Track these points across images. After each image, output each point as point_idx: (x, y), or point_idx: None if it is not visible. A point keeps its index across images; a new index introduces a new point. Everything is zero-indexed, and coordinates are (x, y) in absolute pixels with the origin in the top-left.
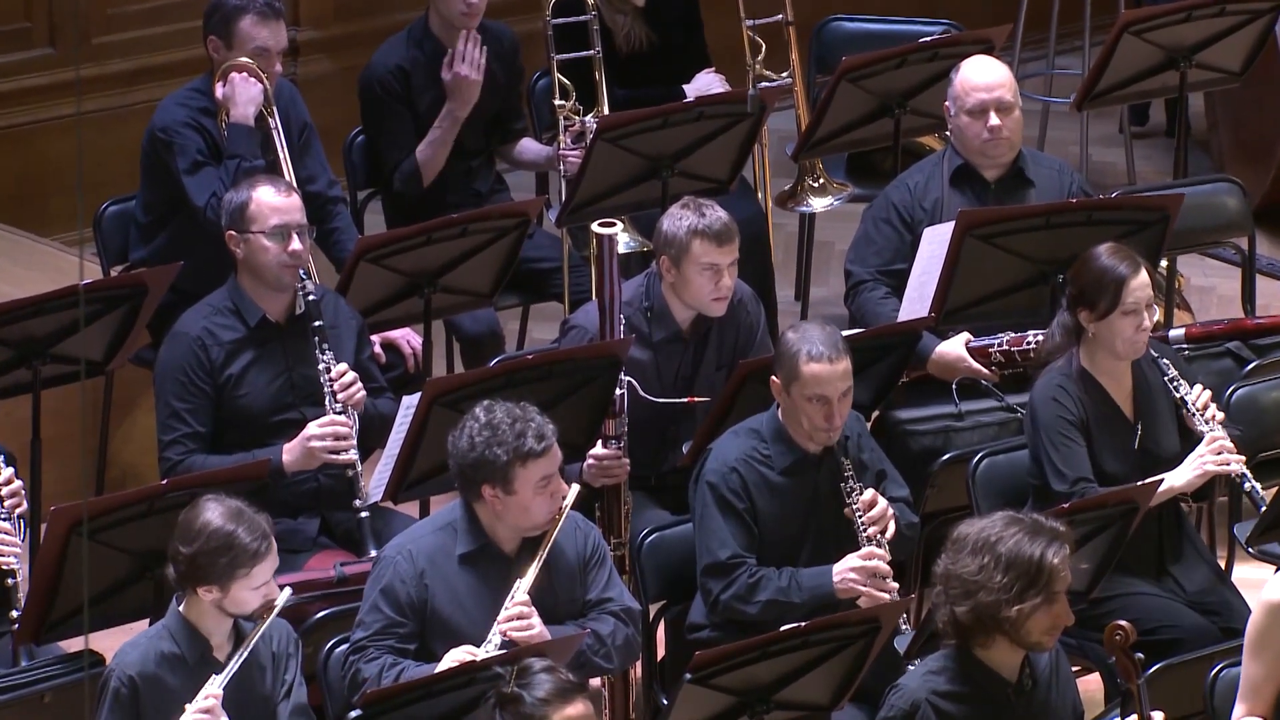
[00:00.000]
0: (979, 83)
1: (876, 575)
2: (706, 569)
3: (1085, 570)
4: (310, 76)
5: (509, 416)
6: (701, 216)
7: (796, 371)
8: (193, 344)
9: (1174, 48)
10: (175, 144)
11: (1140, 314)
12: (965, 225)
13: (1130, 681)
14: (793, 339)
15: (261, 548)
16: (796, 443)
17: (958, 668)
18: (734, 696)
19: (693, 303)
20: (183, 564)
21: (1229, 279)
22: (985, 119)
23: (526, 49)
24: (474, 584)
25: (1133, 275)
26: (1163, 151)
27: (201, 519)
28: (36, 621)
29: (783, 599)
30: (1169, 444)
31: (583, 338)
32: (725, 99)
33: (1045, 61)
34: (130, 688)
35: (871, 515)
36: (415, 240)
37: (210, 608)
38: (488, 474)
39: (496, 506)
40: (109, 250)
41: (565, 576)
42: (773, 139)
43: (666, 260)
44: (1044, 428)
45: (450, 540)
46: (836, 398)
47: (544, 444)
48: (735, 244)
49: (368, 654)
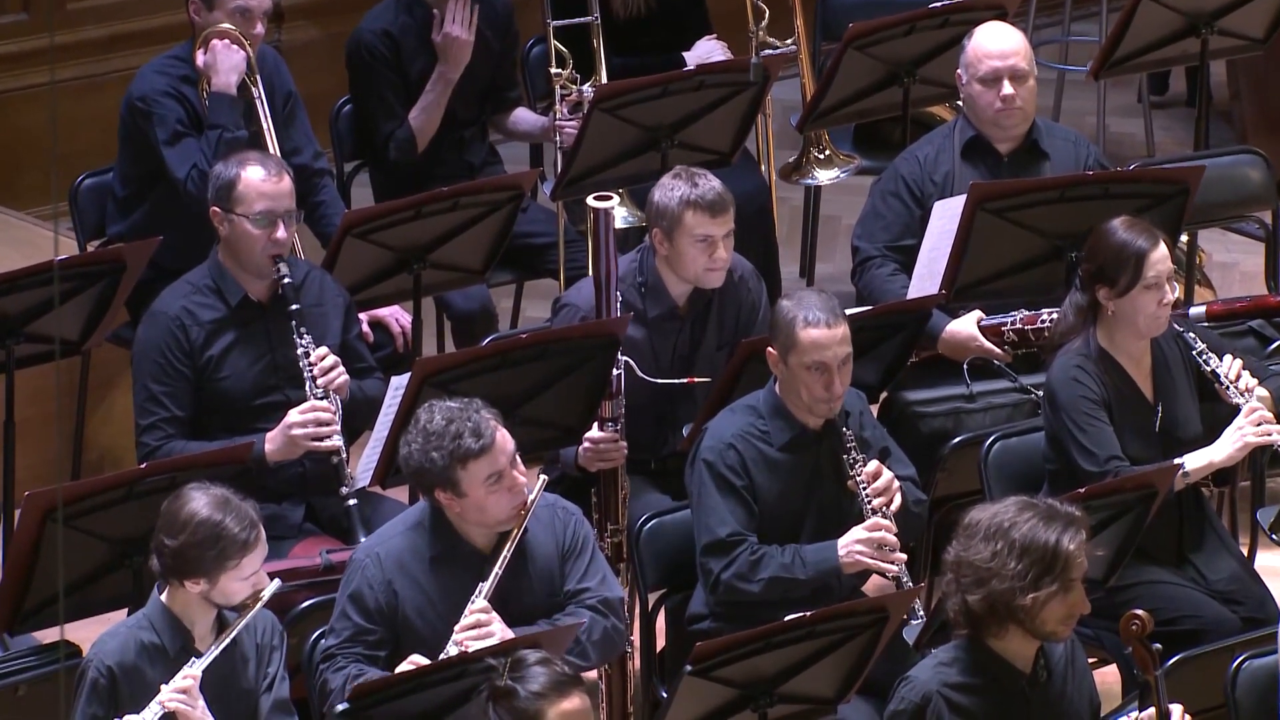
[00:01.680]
0: (992, 50)
1: (883, 547)
2: (706, 548)
3: (1102, 557)
4: (295, 44)
5: (445, 417)
6: (694, 186)
7: (794, 338)
8: (171, 324)
9: (1195, 13)
10: (154, 114)
11: (1163, 288)
12: (977, 198)
13: (1147, 673)
14: (788, 306)
15: (250, 537)
16: (795, 417)
17: (970, 659)
18: (736, 689)
19: (687, 276)
20: (168, 557)
21: (1252, 254)
22: (998, 88)
23: (521, 15)
24: (446, 585)
25: (1153, 248)
26: (1183, 122)
27: (187, 509)
28: (10, 612)
29: (786, 576)
30: (1191, 426)
31: (574, 316)
32: (727, 67)
33: (1061, 28)
34: (109, 678)
35: (876, 487)
36: (404, 214)
37: (196, 599)
38: (432, 479)
39: (454, 509)
40: (85, 224)
41: (543, 572)
42: (777, 109)
43: (659, 233)
44: (1066, 409)
45: (420, 540)
46: (836, 365)
47: (481, 442)
48: (730, 214)
49: (335, 663)
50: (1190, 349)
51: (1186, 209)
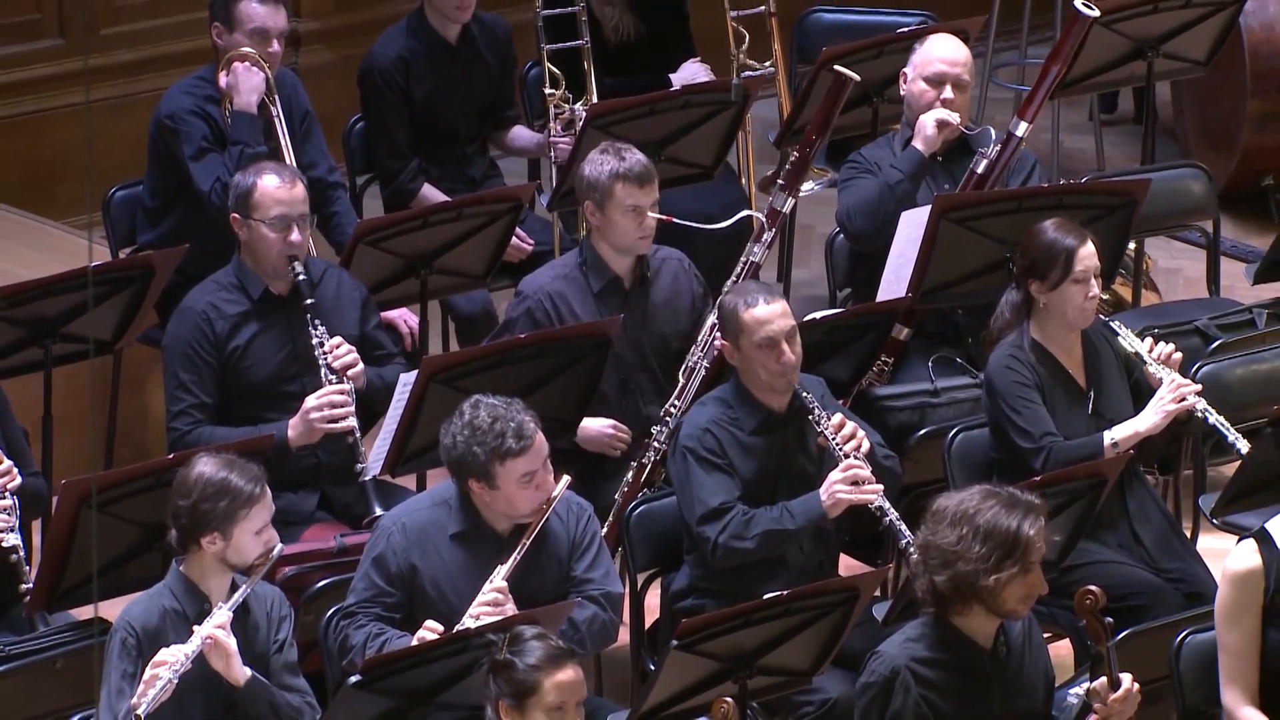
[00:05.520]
0: (943, 56)
1: (859, 483)
2: (701, 518)
3: (1056, 541)
4: (311, 66)
5: (490, 415)
6: (622, 160)
7: (739, 322)
8: (198, 318)
9: (1142, 38)
10: (181, 131)
11: (1090, 282)
12: (941, 209)
13: (1100, 644)
14: (729, 299)
15: (256, 490)
16: (761, 402)
17: (936, 635)
18: (719, 662)
19: (620, 245)
20: (183, 517)
21: (1195, 261)
22: (940, 90)
23: (519, 39)
24: (465, 561)
25: (1081, 245)
26: (1131, 138)
27: (195, 471)
28: (49, 590)
29: (778, 528)
30: (1122, 409)
31: (523, 305)
32: (710, 88)
33: (1018, 51)
34: (136, 638)
35: (844, 434)
36: (412, 224)
37: (212, 563)
38: (470, 470)
39: (484, 498)
40: (117, 233)
41: (555, 560)
42: (756, 126)
43: (590, 205)
44: (1002, 394)
45: (445, 516)
46: (783, 337)
47: (523, 443)
48: (655, 184)
49: (356, 620)
50: (1116, 335)
51: (1134, 218)
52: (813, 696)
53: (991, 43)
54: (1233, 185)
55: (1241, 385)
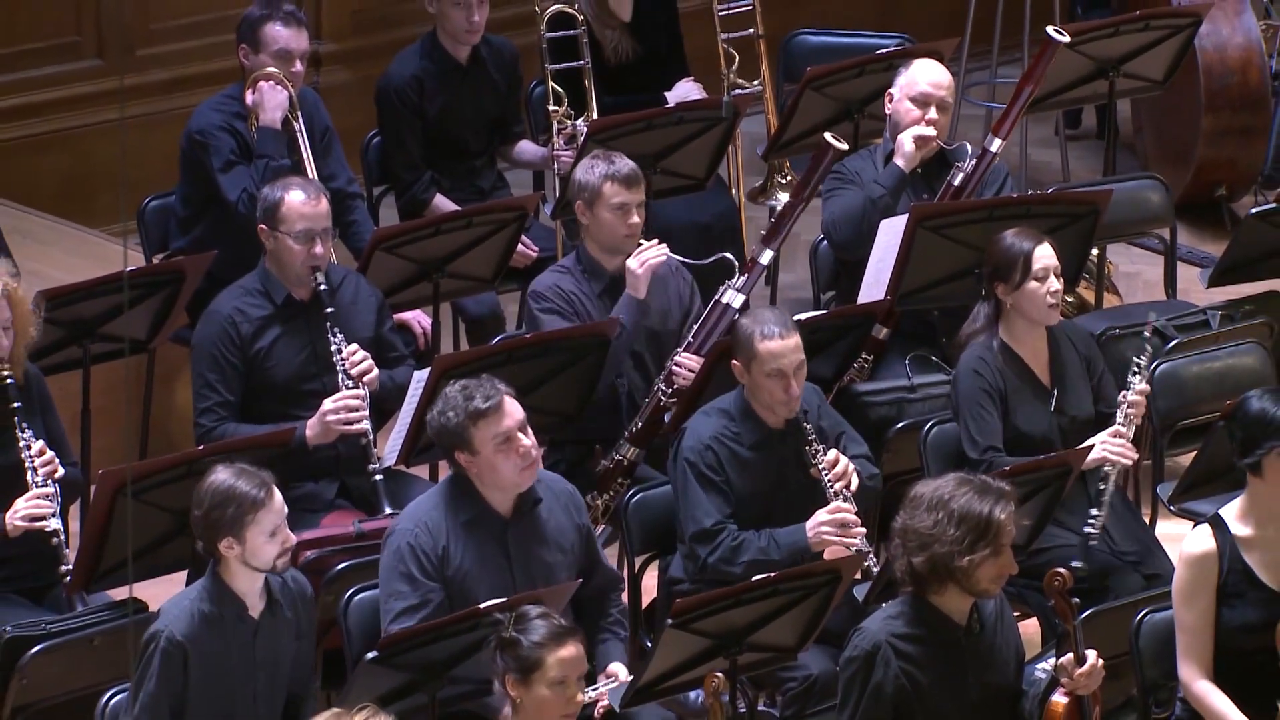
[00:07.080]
0: (931, 79)
1: (845, 526)
2: (694, 536)
3: (1026, 526)
4: (331, 85)
5: (460, 386)
6: (611, 164)
7: (754, 351)
8: (224, 322)
9: (1104, 59)
10: (210, 145)
11: (1050, 279)
12: (918, 217)
13: (1067, 622)
14: (747, 324)
15: (261, 495)
16: (762, 419)
17: (914, 613)
18: (711, 639)
19: (608, 243)
20: (200, 526)
21: (1153, 265)
22: (926, 110)
23: (525, 60)
24: (479, 544)
25: (1036, 245)
26: (1094, 152)
27: (206, 482)
28: (87, 573)
29: (763, 558)
30: (1084, 407)
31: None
32: (702, 105)
33: (989, 71)
34: (179, 649)
35: (836, 472)
36: (425, 231)
37: (238, 566)
38: (451, 440)
39: (473, 469)
40: (151, 240)
41: (557, 540)
42: (745, 140)
43: (581, 205)
44: (963, 397)
45: (452, 508)
46: (792, 370)
47: (490, 402)
48: (642, 187)
49: None
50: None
51: (1097, 226)
52: (796, 673)
53: (964, 63)
54: (1188, 195)
55: (1197, 382)
